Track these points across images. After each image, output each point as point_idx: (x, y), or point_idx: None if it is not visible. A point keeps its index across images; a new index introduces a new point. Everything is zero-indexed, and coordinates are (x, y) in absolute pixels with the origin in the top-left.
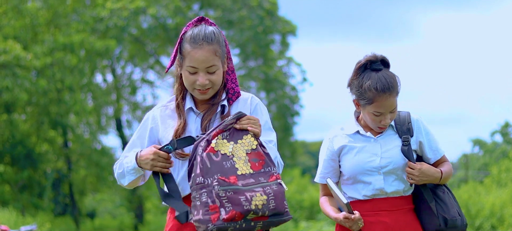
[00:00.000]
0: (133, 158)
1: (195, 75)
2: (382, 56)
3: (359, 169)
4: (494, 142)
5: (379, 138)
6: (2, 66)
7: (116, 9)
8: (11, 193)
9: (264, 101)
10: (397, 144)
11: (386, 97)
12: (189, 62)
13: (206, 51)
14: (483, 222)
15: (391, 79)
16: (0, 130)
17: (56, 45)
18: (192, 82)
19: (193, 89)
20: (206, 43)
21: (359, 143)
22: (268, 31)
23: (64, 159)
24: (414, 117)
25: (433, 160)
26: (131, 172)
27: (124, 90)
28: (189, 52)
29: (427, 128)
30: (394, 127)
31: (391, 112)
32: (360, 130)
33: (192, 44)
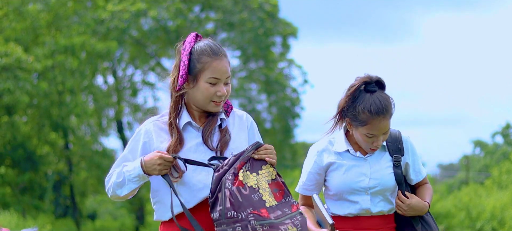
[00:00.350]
0: (137, 165)
1: (216, 87)
2: (377, 77)
3: (346, 188)
4: (495, 143)
5: (369, 157)
6: (4, 69)
7: (117, 11)
8: (12, 195)
9: (265, 104)
10: (386, 164)
11: (380, 120)
12: (211, 73)
13: (225, 62)
14: (484, 224)
15: (386, 101)
16: (1, 132)
17: (57, 48)
18: (211, 94)
19: (209, 102)
20: (224, 55)
21: (348, 162)
22: (269, 33)
23: (65, 161)
24: (404, 135)
25: (415, 181)
26: (134, 180)
27: (125, 92)
28: (210, 64)
29: (414, 149)
30: (385, 145)
31: (384, 134)
32: (350, 150)
33: (213, 56)
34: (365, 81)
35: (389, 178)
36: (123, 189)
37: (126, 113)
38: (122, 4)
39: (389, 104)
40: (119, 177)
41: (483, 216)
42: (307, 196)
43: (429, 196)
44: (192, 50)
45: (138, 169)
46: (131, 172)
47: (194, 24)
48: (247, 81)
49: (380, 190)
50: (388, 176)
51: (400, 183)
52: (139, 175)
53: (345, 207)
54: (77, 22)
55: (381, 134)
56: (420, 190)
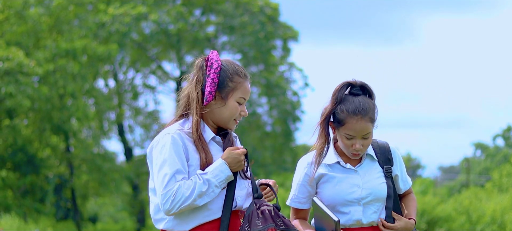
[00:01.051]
0: (223, 168)
1: (242, 106)
2: (362, 82)
3: (339, 200)
4: (496, 146)
5: (359, 168)
6: (5, 73)
7: (118, 15)
8: (14, 199)
9: (266, 107)
10: (377, 174)
11: (357, 120)
12: (241, 93)
13: (249, 84)
14: (484, 228)
15: (366, 104)
16: (3, 135)
17: (59, 51)
18: (237, 113)
19: (232, 120)
20: (248, 77)
21: (339, 174)
22: (270, 36)
23: (66, 164)
24: (392, 146)
25: (403, 190)
26: (221, 184)
27: (126, 96)
28: (242, 84)
29: (401, 159)
30: (375, 156)
31: (364, 138)
32: (340, 161)
33: (244, 77)
34: (350, 83)
35: (381, 188)
36: (206, 197)
37: (127, 116)
38: (123, 7)
39: (369, 107)
40: (204, 185)
41: (483, 219)
42: (300, 209)
43: (414, 209)
44: (223, 69)
45: (226, 171)
46: (219, 176)
47: (195, 28)
48: None
49: (372, 200)
50: (380, 186)
51: (390, 195)
52: (227, 177)
53: None
54: (78, 26)
55: (360, 137)
56: (406, 201)
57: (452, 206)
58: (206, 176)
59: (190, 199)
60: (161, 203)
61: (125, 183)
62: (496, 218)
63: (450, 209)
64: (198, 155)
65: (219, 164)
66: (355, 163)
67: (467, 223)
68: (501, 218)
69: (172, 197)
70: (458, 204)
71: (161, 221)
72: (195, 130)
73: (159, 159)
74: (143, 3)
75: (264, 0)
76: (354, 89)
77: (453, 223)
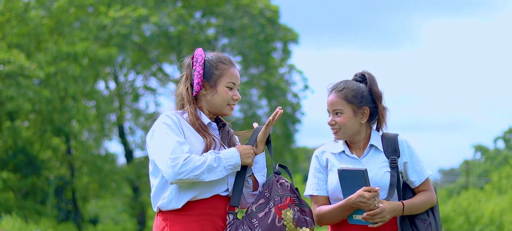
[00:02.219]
0: (236, 155)
1: (232, 91)
2: (365, 71)
3: (339, 187)
4: (497, 148)
5: (363, 159)
6: (6, 76)
7: (119, 17)
8: (15, 200)
9: (266, 109)
10: (381, 164)
11: (330, 94)
12: (229, 79)
13: (237, 70)
14: (482, 229)
15: (345, 83)
16: (4, 137)
17: (60, 54)
18: (229, 98)
19: (225, 106)
20: (235, 64)
21: (342, 162)
22: (270, 39)
23: (67, 166)
24: (402, 138)
25: (417, 182)
26: (229, 168)
27: (127, 98)
28: (228, 70)
29: (413, 150)
30: (381, 147)
31: (335, 114)
32: (346, 150)
33: (229, 63)
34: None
35: (384, 177)
36: (213, 174)
37: (128, 118)
38: (124, 10)
39: (343, 85)
40: (215, 162)
41: (482, 220)
42: (317, 196)
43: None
44: (206, 60)
45: (237, 159)
46: (230, 160)
47: (195, 30)
48: (248, 86)
49: None
50: (383, 175)
51: (393, 184)
52: (235, 165)
53: None
54: (79, 28)
55: (331, 110)
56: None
57: (451, 207)
58: (219, 155)
59: (199, 169)
60: (168, 165)
61: (126, 185)
62: (495, 219)
63: (449, 210)
64: (195, 138)
65: (232, 150)
66: (360, 153)
67: (465, 224)
68: (499, 219)
69: (182, 162)
70: (456, 205)
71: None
72: (194, 119)
73: (160, 133)
74: (143, 5)
75: (264, 3)
76: (356, 77)
77: (451, 224)
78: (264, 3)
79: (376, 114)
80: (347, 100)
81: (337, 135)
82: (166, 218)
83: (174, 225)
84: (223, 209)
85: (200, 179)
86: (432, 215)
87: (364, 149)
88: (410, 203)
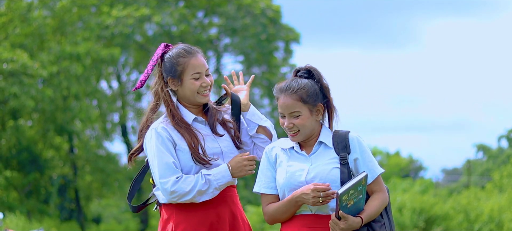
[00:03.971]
0: (226, 174)
1: (199, 80)
2: (309, 66)
3: (287, 184)
4: (500, 147)
5: (312, 155)
6: (10, 74)
7: (121, 17)
8: (18, 198)
9: (268, 108)
10: (329, 160)
11: (283, 97)
12: (192, 70)
13: (201, 57)
14: (482, 227)
15: (296, 83)
16: (7, 136)
17: (62, 54)
18: (197, 87)
19: (195, 95)
20: (197, 51)
21: (292, 158)
22: (272, 38)
23: (70, 165)
24: (353, 135)
25: (369, 181)
26: (221, 187)
27: (129, 97)
28: (188, 62)
29: (364, 146)
30: (330, 143)
31: (293, 116)
32: (295, 146)
33: (188, 55)
34: (296, 69)
35: (332, 173)
36: (205, 196)
37: (130, 117)
38: (126, 10)
39: (299, 86)
40: (205, 185)
41: (481, 218)
42: (268, 195)
43: (373, 208)
44: (167, 56)
45: (228, 177)
46: (220, 180)
47: (197, 30)
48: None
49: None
50: (330, 171)
51: (344, 181)
52: (228, 182)
53: None
54: (82, 28)
55: (287, 114)
56: (369, 200)
57: (450, 205)
58: (209, 177)
59: (190, 195)
60: (161, 188)
61: (128, 184)
62: (494, 217)
63: (448, 208)
64: (183, 139)
65: (223, 168)
66: (310, 150)
67: (465, 222)
68: (498, 217)
69: (171, 188)
70: (456, 203)
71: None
72: (171, 118)
73: (151, 153)
74: (146, 5)
75: (266, 3)
76: (300, 73)
77: (451, 222)
78: (266, 3)
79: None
80: (302, 101)
81: (296, 137)
82: (170, 209)
83: (179, 215)
84: (229, 196)
85: (193, 201)
86: (386, 215)
87: (314, 145)
88: (367, 215)
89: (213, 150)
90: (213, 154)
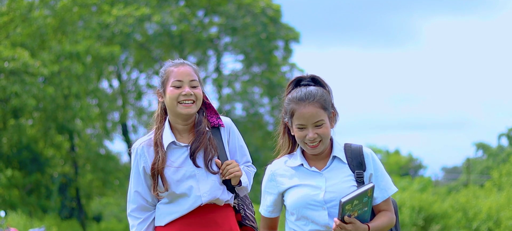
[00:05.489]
0: None
1: (180, 89)
2: (312, 75)
3: (302, 203)
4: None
5: (325, 171)
6: (11, 73)
7: (121, 16)
8: (19, 197)
9: (268, 107)
10: (346, 177)
11: (305, 106)
12: (173, 78)
13: (188, 68)
14: (480, 225)
15: (314, 90)
16: (8, 134)
17: (63, 53)
18: (176, 96)
19: (177, 104)
20: (186, 63)
21: (303, 177)
22: (272, 37)
23: (71, 163)
24: (367, 151)
25: (379, 199)
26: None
27: (130, 96)
28: (172, 71)
29: (378, 162)
30: (344, 158)
31: (316, 126)
32: (305, 164)
33: (174, 63)
34: (299, 78)
35: (350, 191)
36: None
37: (131, 116)
38: (126, 9)
39: (317, 93)
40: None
41: (479, 216)
42: (268, 218)
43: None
44: (159, 73)
45: None
46: None
47: (197, 29)
48: (250, 84)
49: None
50: (349, 189)
51: None
52: None
53: (302, 226)
54: (82, 27)
55: (310, 124)
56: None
57: (449, 203)
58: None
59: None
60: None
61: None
62: (492, 215)
63: (446, 206)
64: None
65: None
66: (321, 166)
67: (463, 220)
68: (496, 215)
69: (128, 216)
70: (455, 201)
71: None
72: (153, 141)
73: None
74: (146, 4)
75: (266, 2)
76: (304, 81)
77: (449, 220)
78: (266, 2)
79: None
80: (324, 108)
81: (317, 149)
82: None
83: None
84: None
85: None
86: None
87: (326, 160)
88: (375, 226)
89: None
90: (183, 177)
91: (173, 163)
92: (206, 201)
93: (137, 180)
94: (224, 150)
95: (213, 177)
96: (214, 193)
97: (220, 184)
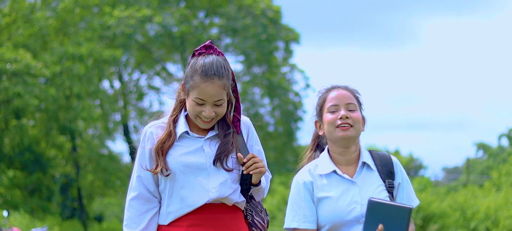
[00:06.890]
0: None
1: (202, 107)
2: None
3: (338, 220)
4: (500, 145)
5: (357, 179)
6: (13, 74)
7: (123, 18)
8: (21, 197)
9: (268, 107)
10: (378, 187)
11: (337, 90)
12: (197, 94)
13: (216, 86)
14: (478, 224)
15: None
16: (10, 135)
17: (65, 54)
18: (198, 112)
19: (196, 118)
20: (217, 78)
21: (336, 185)
22: (272, 38)
23: (73, 164)
24: (395, 159)
25: None
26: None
27: (131, 97)
28: (198, 85)
29: (405, 174)
30: (373, 165)
31: (349, 109)
32: (337, 170)
33: (203, 77)
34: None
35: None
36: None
37: (132, 117)
38: (128, 10)
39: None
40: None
41: (477, 216)
42: (307, 230)
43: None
44: (191, 62)
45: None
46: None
47: (198, 30)
48: (250, 85)
49: None
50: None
51: None
52: None
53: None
54: (84, 28)
55: (344, 104)
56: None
57: (447, 203)
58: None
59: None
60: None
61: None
62: (490, 215)
63: (445, 206)
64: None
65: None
66: (351, 172)
67: (461, 219)
68: (495, 215)
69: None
70: (453, 201)
71: None
72: (167, 125)
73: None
74: (147, 6)
75: (266, 3)
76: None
77: (447, 219)
78: (266, 3)
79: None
80: (356, 99)
81: (347, 131)
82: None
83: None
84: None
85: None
86: None
87: (355, 166)
88: None
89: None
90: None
91: (183, 149)
92: (214, 197)
93: (141, 163)
94: (245, 147)
95: (226, 174)
96: (223, 191)
97: (233, 182)
